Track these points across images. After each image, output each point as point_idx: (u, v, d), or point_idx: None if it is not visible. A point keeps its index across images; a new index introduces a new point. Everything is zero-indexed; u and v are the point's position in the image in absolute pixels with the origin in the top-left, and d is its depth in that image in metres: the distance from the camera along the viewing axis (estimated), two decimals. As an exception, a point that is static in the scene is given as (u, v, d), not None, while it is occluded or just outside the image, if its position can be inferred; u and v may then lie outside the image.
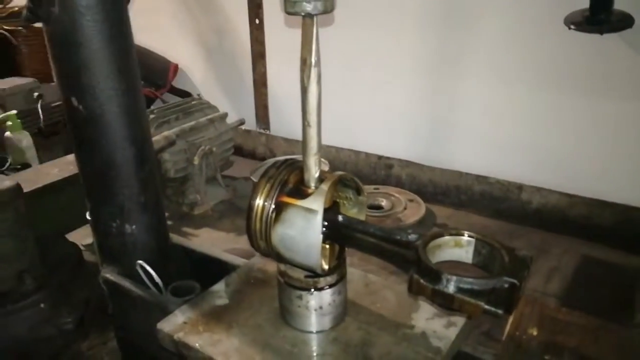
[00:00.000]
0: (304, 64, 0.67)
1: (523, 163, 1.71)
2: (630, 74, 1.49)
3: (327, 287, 0.78)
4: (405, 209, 1.71)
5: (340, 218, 0.74)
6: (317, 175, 0.73)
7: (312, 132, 0.72)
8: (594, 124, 1.59)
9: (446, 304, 0.63)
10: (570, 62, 1.57)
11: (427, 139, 1.88)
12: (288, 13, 0.64)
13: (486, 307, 0.61)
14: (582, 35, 1.47)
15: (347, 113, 2.00)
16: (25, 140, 2.01)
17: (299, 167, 0.76)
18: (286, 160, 0.78)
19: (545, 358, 0.67)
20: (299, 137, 2.20)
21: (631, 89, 1.49)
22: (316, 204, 0.70)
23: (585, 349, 0.69)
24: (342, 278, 0.80)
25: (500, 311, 0.61)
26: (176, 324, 0.83)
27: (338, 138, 2.00)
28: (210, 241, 1.71)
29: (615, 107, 1.53)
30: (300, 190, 0.73)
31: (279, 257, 0.76)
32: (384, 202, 1.77)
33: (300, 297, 0.78)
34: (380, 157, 1.94)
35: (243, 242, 1.53)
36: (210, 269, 1.06)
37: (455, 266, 0.68)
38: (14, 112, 2.00)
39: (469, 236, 0.70)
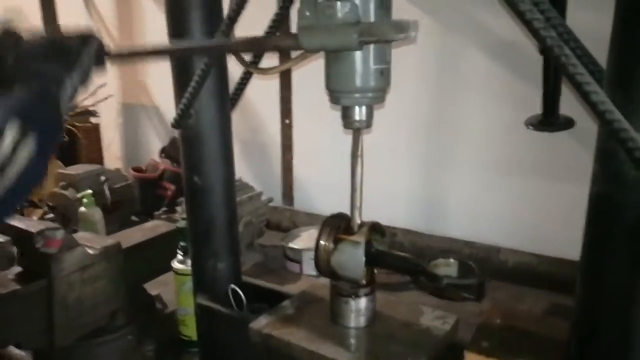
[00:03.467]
0: (354, 155, 1.15)
1: (501, 230, 2.17)
2: (575, 161, 1.99)
3: (364, 295, 1.21)
4: (408, 267, 2.15)
5: (373, 249, 1.19)
6: (359, 222, 1.19)
7: (357, 195, 1.18)
8: (555, 200, 2.07)
9: (440, 293, 1.06)
10: (533, 153, 2.09)
11: (425, 212, 2.35)
12: (346, 128, 1.13)
13: (464, 294, 1.04)
14: (538, 132, 1.99)
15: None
16: (96, 214, 2.45)
17: (346, 218, 1.22)
18: (338, 213, 1.24)
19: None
20: (319, 212, 2.66)
21: (576, 172, 1.97)
22: (360, 238, 1.15)
23: (532, 329, 1.11)
24: (373, 291, 1.23)
25: (472, 297, 1.04)
26: (262, 324, 1.24)
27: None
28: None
29: (566, 186, 2.02)
30: (349, 231, 1.19)
31: (334, 275, 1.20)
32: (391, 263, 2.20)
33: (346, 302, 1.21)
34: (386, 227, 2.39)
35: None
36: (265, 298, 1.47)
37: (445, 276, 1.11)
38: (90, 191, 2.47)
39: (453, 259, 1.15)
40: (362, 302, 1.21)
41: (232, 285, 1.40)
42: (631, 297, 0.88)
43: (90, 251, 1.66)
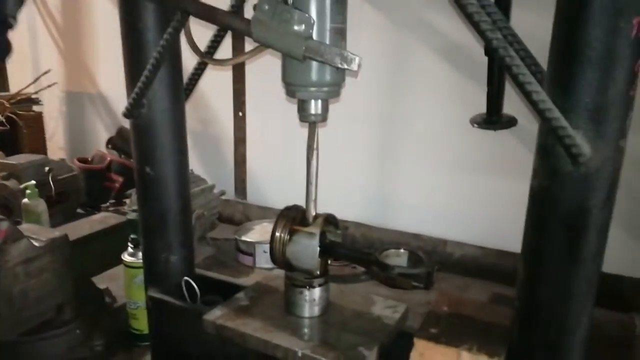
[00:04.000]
0: (310, 148, 1.17)
1: (448, 224, 2.25)
2: (517, 158, 2.09)
3: (318, 285, 1.23)
4: (359, 259, 2.19)
5: (327, 240, 1.22)
6: (314, 213, 1.21)
7: (312, 188, 1.20)
8: (499, 194, 2.16)
9: (391, 283, 1.10)
10: (478, 151, 2.18)
11: (376, 206, 2.41)
12: (302, 121, 1.15)
13: (414, 283, 1.08)
14: (483, 131, 2.08)
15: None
16: (40, 206, 2.36)
17: (301, 210, 1.24)
18: (293, 205, 1.26)
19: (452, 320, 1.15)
20: (271, 205, 2.67)
21: (518, 168, 2.08)
22: (315, 230, 1.18)
23: (477, 316, 1.17)
24: (327, 281, 1.26)
25: (422, 285, 1.08)
26: (216, 315, 1.25)
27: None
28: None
29: (509, 182, 2.12)
30: (304, 223, 1.21)
31: (289, 266, 1.22)
32: (342, 255, 2.24)
33: (301, 293, 1.23)
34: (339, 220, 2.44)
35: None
36: (219, 291, 1.47)
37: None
38: (33, 182, 2.37)
39: (403, 249, 1.19)
40: (316, 292, 1.24)
41: (186, 278, 1.39)
42: (568, 283, 0.94)
43: (36, 243, 1.62)
